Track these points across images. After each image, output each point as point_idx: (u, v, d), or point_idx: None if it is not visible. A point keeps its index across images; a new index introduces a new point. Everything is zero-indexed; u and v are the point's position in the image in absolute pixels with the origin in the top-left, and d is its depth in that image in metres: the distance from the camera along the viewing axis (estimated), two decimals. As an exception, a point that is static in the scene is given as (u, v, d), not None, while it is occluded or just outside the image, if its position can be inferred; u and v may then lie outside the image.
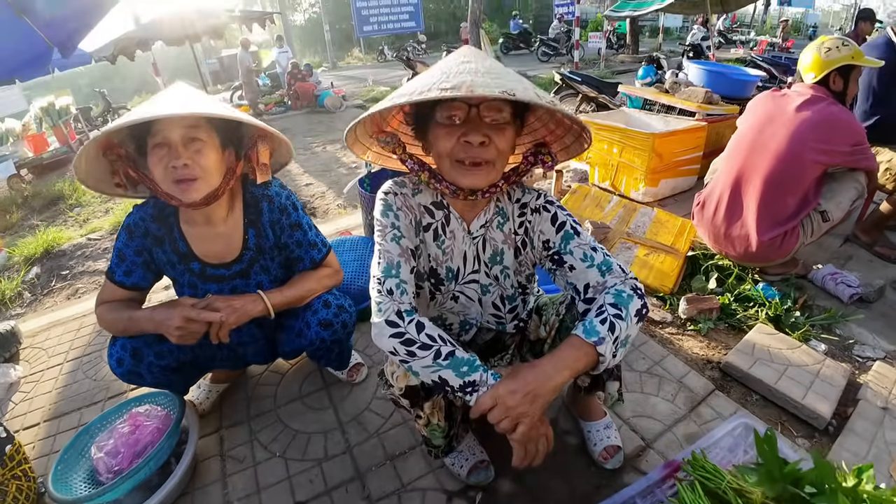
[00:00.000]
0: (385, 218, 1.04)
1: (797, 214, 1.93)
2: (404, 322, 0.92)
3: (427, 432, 1.18)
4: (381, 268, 0.98)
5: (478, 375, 0.88)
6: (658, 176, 2.88)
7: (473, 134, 0.92)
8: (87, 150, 1.14)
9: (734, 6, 6.05)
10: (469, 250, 1.12)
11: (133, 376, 1.32)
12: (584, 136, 1.04)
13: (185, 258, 1.34)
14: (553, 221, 1.07)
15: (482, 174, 0.97)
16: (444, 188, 1.02)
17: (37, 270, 3.18)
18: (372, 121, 1.06)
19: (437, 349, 0.90)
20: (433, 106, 0.94)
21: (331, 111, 8.44)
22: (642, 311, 0.96)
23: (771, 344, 1.68)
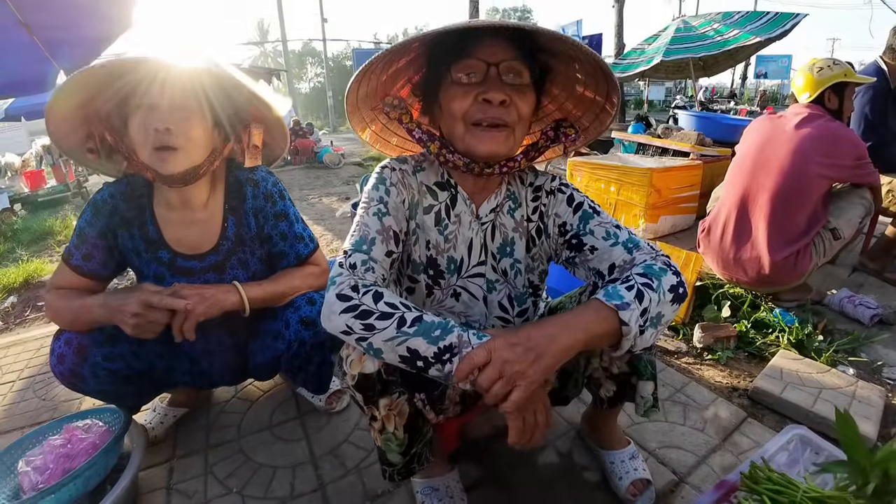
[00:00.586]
0: (374, 191, 0.93)
1: (808, 232, 1.89)
2: (358, 294, 0.77)
3: (381, 442, 0.93)
4: (352, 241, 0.87)
5: (455, 336, 0.73)
6: (657, 212, 2.86)
7: (494, 91, 0.84)
8: (69, 88, 1.01)
9: (716, 70, 6.44)
10: (476, 237, 0.99)
11: (73, 378, 1.12)
12: (608, 109, 0.96)
13: (154, 245, 1.19)
14: (570, 202, 0.97)
15: (500, 139, 0.87)
16: (457, 160, 0.91)
17: (13, 300, 3.05)
18: (379, 84, 0.97)
19: (401, 315, 0.75)
20: (448, 65, 0.87)
21: (329, 167, 8.63)
22: (678, 289, 0.81)
23: (799, 368, 1.59)
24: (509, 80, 0.85)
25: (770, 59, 19.44)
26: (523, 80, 0.87)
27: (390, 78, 0.98)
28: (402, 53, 0.92)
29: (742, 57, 6.25)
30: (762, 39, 5.16)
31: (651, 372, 0.99)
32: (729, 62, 6.31)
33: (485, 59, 0.84)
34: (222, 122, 1.15)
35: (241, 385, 1.65)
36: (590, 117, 1.01)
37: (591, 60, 0.86)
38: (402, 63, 0.97)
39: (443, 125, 0.94)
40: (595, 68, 0.88)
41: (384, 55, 0.85)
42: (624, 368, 0.99)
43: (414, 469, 0.98)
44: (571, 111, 1.03)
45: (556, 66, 0.96)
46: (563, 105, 1.04)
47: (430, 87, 0.94)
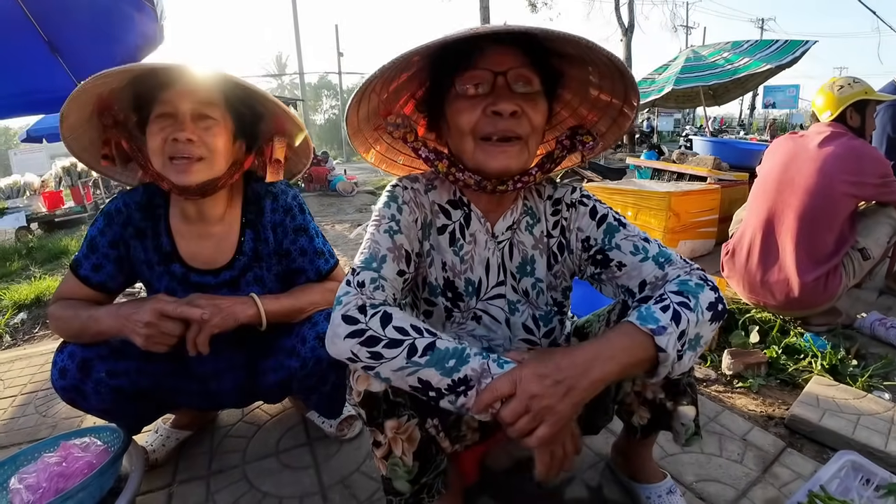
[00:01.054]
0: (385, 208, 0.89)
1: (837, 252, 1.85)
2: (366, 317, 0.72)
3: (387, 469, 0.83)
4: (361, 258, 0.82)
5: (471, 368, 0.68)
6: (676, 236, 2.82)
7: (503, 102, 0.78)
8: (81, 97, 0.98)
9: (726, 99, 6.48)
10: (493, 257, 0.94)
11: (75, 394, 1.07)
12: (626, 112, 0.91)
13: (167, 258, 1.16)
14: (593, 215, 0.92)
15: (513, 153, 0.82)
16: (468, 178, 0.86)
17: (23, 316, 3.04)
18: (381, 102, 0.92)
19: (411, 343, 0.69)
20: (451, 77, 0.82)
21: (342, 195, 8.71)
22: (717, 306, 0.75)
23: (835, 395, 1.52)
24: (519, 88, 0.81)
25: (778, 89, 19.65)
26: (534, 88, 0.82)
27: (392, 95, 0.94)
28: (402, 68, 0.87)
29: (752, 85, 6.31)
30: (773, 66, 5.20)
31: (692, 396, 0.91)
32: (739, 90, 6.36)
33: (491, 68, 0.79)
34: (245, 134, 1.12)
35: (248, 408, 1.58)
36: (606, 122, 0.96)
37: (605, 61, 0.81)
38: (403, 78, 0.92)
39: (450, 141, 0.89)
40: (610, 69, 0.83)
41: (383, 70, 0.79)
42: (659, 394, 0.91)
43: (423, 500, 0.87)
44: (587, 116, 0.98)
45: (568, 70, 0.91)
46: (578, 110, 0.99)
47: (434, 101, 0.89)
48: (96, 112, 1.04)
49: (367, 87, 0.83)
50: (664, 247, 0.86)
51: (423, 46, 0.74)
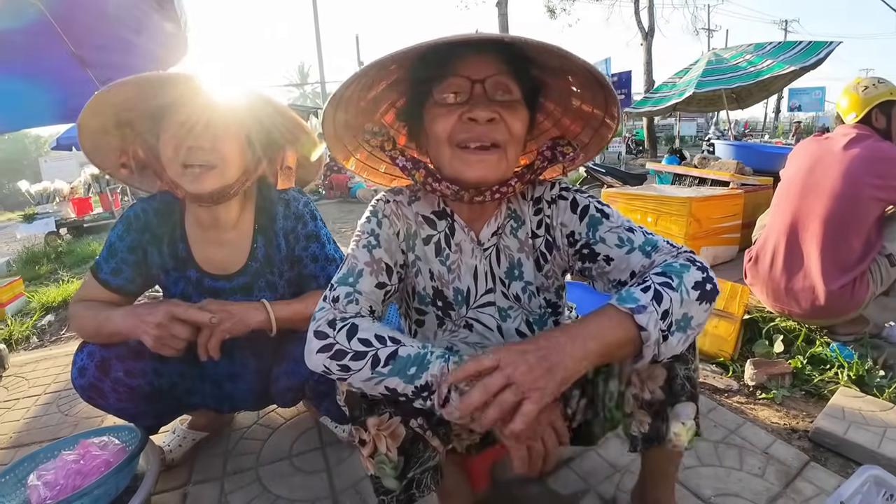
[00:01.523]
0: (365, 223, 0.89)
1: (864, 258, 1.78)
2: (334, 331, 0.74)
3: (375, 468, 0.82)
4: (339, 274, 0.84)
5: (430, 374, 0.69)
6: (698, 242, 2.74)
7: (479, 108, 0.77)
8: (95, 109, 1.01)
9: (749, 102, 6.33)
10: (480, 265, 0.93)
11: (94, 392, 1.10)
12: (608, 123, 0.87)
13: (183, 264, 1.18)
14: (574, 208, 0.89)
15: (491, 162, 0.80)
16: (445, 188, 0.84)
17: (50, 318, 3.13)
18: (359, 111, 0.90)
19: (374, 354, 0.71)
20: (429, 87, 0.81)
21: (362, 202, 8.80)
22: (705, 285, 0.72)
23: (861, 407, 1.47)
24: (497, 97, 0.79)
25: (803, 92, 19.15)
26: (513, 97, 0.80)
27: (370, 103, 0.92)
28: (380, 76, 0.85)
29: (776, 88, 6.16)
30: (797, 68, 5.07)
31: (690, 391, 0.83)
32: (763, 93, 6.21)
33: (469, 75, 0.78)
34: (257, 142, 1.14)
35: (264, 411, 1.60)
36: (589, 132, 0.94)
37: (584, 71, 0.78)
38: (381, 86, 0.90)
39: (430, 151, 0.87)
40: (589, 79, 0.81)
41: (356, 77, 0.78)
42: (659, 395, 0.83)
43: (414, 497, 0.85)
44: (569, 127, 0.96)
45: (549, 81, 0.89)
46: (560, 121, 0.97)
47: (414, 110, 0.88)
48: (113, 121, 1.07)
49: (342, 94, 0.81)
50: (650, 233, 0.84)
51: (398, 52, 0.72)
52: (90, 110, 1.01)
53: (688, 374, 0.83)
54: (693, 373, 0.83)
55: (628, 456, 1.22)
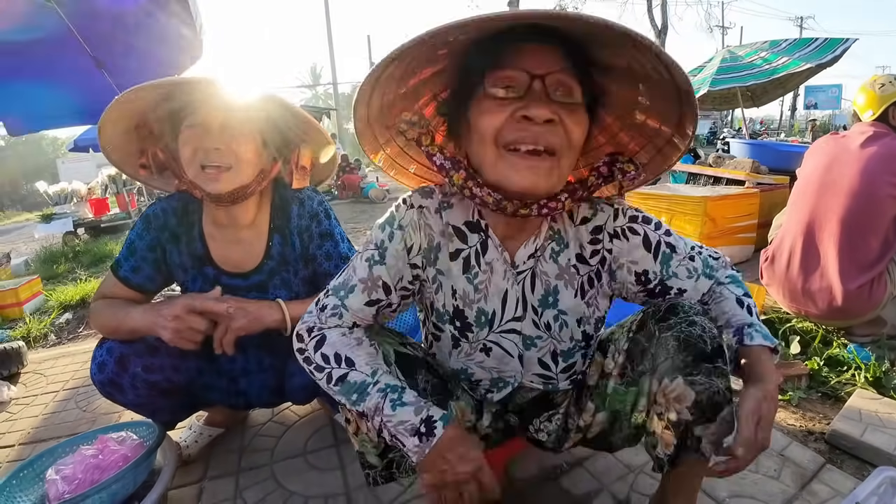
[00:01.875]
0: (379, 231, 0.84)
1: (882, 258, 1.75)
2: (308, 337, 0.82)
3: (358, 443, 0.87)
4: (335, 281, 0.86)
5: (365, 406, 0.75)
6: (713, 242, 2.72)
7: (537, 105, 0.68)
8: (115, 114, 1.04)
9: (765, 100, 6.23)
10: (512, 289, 0.85)
11: (112, 388, 1.12)
12: (675, 142, 0.78)
13: (200, 262, 1.20)
14: (647, 246, 0.84)
15: (543, 170, 0.70)
16: (486, 195, 0.74)
17: (68, 316, 3.18)
18: (397, 97, 0.81)
19: (328, 372, 0.78)
20: (481, 75, 0.72)
21: (374, 202, 8.84)
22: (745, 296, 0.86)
23: (878, 409, 1.45)
24: (557, 97, 0.70)
25: (819, 89, 18.84)
26: (574, 99, 0.72)
27: (411, 91, 0.82)
28: (426, 60, 0.76)
29: (792, 85, 6.06)
30: (812, 66, 4.99)
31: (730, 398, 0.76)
32: (778, 91, 6.12)
33: (528, 69, 0.69)
34: (272, 143, 1.16)
35: (278, 408, 1.62)
36: (650, 151, 0.84)
37: (663, 73, 0.68)
38: (426, 73, 0.80)
39: (471, 151, 0.78)
40: (667, 86, 0.70)
41: (401, 51, 0.66)
42: (686, 416, 0.76)
43: (395, 475, 0.90)
44: (627, 144, 0.87)
45: (612, 88, 0.80)
46: (617, 136, 0.88)
47: (458, 103, 0.78)
48: (133, 124, 1.10)
49: (383, 72, 0.70)
50: (700, 250, 0.88)
51: (454, 24, 0.62)
52: (110, 115, 1.04)
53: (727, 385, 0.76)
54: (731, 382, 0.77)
55: (643, 456, 1.21)
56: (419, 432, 0.72)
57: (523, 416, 1.00)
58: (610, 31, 0.62)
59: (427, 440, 0.72)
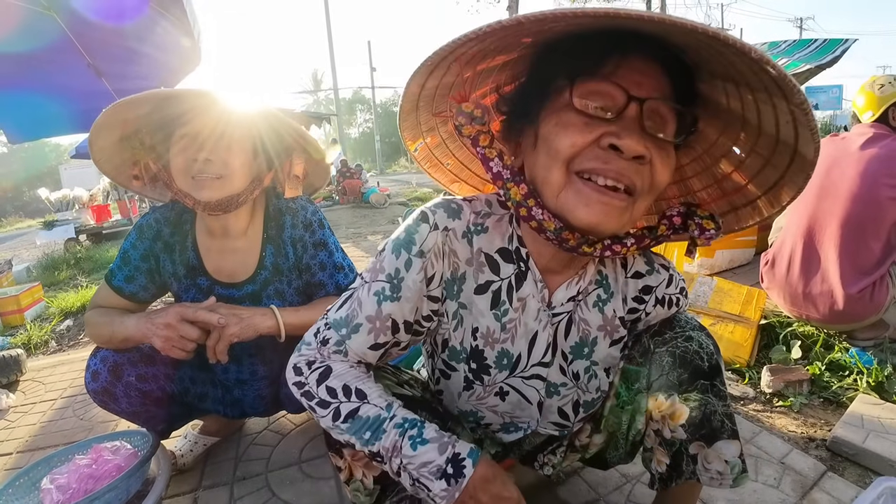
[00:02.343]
0: (392, 256, 0.69)
1: (883, 261, 1.74)
2: (309, 370, 0.70)
3: (350, 493, 0.78)
4: (335, 315, 0.72)
5: (382, 446, 0.65)
6: (713, 246, 2.70)
7: (631, 137, 0.57)
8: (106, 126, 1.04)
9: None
10: (543, 332, 0.76)
11: (106, 396, 1.12)
12: (760, 207, 0.70)
13: (193, 272, 1.20)
14: (669, 306, 0.83)
15: (615, 209, 0.60)
16: (547, 220, 0.63)
17: (69, 323, 3.19)
18: (457, 81, 0.68)
19: (336, 408, 0.67)
20: (570, 81, 0.60)
21: (375, 206, 8.85)
22: None
23: (880, 415, 1.43)
24: (651, 128, 0.59)
25: (820, 90, 18.81)
26: (667, 136, 0.61)
27: (476, 76, 0.69)
28: (505, 45, 0.63)
29: (792, 87, 6.03)
30: (812, 67, 4.99)
31: (731, 429, 0.75)
32: (778, 93, 6.10)
33: (629, 88, 0.57)
34: (263, 152, 1.16)
35: (273, 417, 1.61)
36: (723, 206, 0.74)
37: (789, 134, 0.57)
38: (498, 61, 0.69)
39: (530, 164, 0.67)
40: (776, 143, 0.60)
41: (486, 32, 0.54)
42: (680, 434, 0.74)
43: None
44: (698, 193, 0.76)
45: (707, 129, 0.70)
46: (688, 182, 0.78)
47: (528, 103, 0.67)
48: (124, 134, 1.10)
49: (457, 49, 0.59)
50: None
51: (557, 12, 0.49)
52: (100, 126, 1.03)
53: (726, 411, 0.75)
54: (731, 409, 0.77)
55: (640, 466, 1.20)
56: (446, 474, 0.63)
57: (525, 455, 0.97)
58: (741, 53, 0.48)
59: (456, 482, 0.63)
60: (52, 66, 2.58)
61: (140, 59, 2.69)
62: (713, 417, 0.73)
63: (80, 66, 2.52)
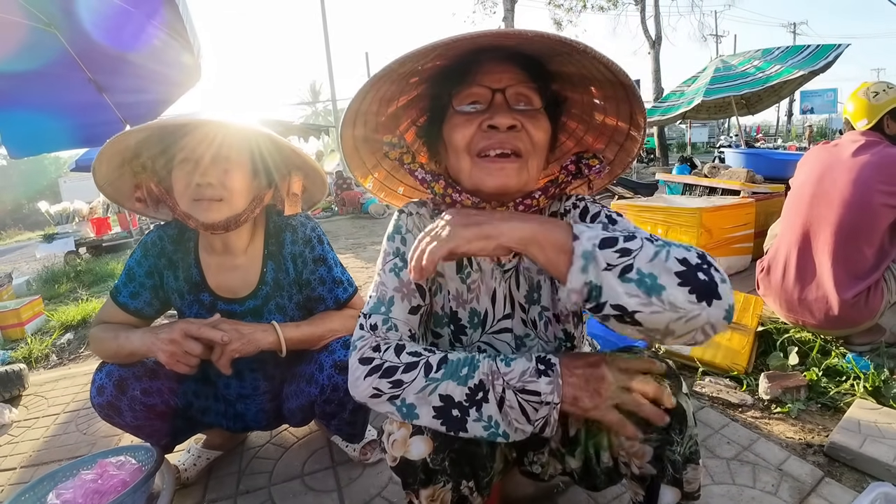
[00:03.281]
0: (390, 242, 0.87)
1: (877, 267, 1.75)
2: (380, 353, 0.74)
3: None
4: (371, 304, 0.82)
5: (481, 373, 0.70)
6: (710, 253, 2.69)
7: (500, 115, 0.75)
8: (108, 153, 1.07)
9: (760, 107, 6.27)
10: (500, 287, 0.89)
11: (111, 410, 1.13)
12: (633, 135, 0.85)
13: (197, 288, 1.22)
14: (583, 215, 0.85)
15: (512, 170, 0.77)
16: (465, 199, 0.82)
17: (69, 336, 3.19)
18: (379, 125, 0.90)
19: (426, 361, 0.72)
20: (449, 97, 0.80)
21: (374, 217, 8.88)
22: (696, 272, 0.60)
23: (877, 419, 1.43)
24: (519, 107, 0.78)
25: (815, 94, 18.98)
26: (534, 106, 0.79)
27: (390, 119, 0.91)
28: (398, 90, 0.85)
29: (786, 92, 6.10)
30: (806, 72, 5.04)
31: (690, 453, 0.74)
32: (773, 98, 6.17)
33: (489, 85, 0.77)
34: (263, 172, 1.18)
35: (276, 430, 1.62)
36: (614, 148, 0.91)
37: (607, 74, 0.76)
38: (402, 101, 0.90)
39: (449, 165, 0.85)
40: (613, 85, 0.78)
41: (374, 82, 0.75)
42: (649, 470, 0.76)
43: None
44: (592, 145, 0.94)
45: (571, 95, 0.88)
46: (583, 139, 0.96)
47: (434, 125, 0.86)
48: (126, 159, 1.13)
49: (359, 106, 0.80)
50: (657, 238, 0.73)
51: (414, 52, 0.70)
52: (105, 156, 1.07)
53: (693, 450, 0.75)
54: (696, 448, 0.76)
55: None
56: (542, 371, 0.69)
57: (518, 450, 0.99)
58: (548, 41, 0.69)
59: (553, 372, 0.69)
60: (53, 82, 2.60)
61: (141, 75, 2.72)
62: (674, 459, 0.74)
63: (80, 81, 2.54)
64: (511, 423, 0.69)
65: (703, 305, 0.60)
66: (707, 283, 0.61)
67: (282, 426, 1.59)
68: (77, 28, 2.36)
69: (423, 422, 0.71)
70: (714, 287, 0.61)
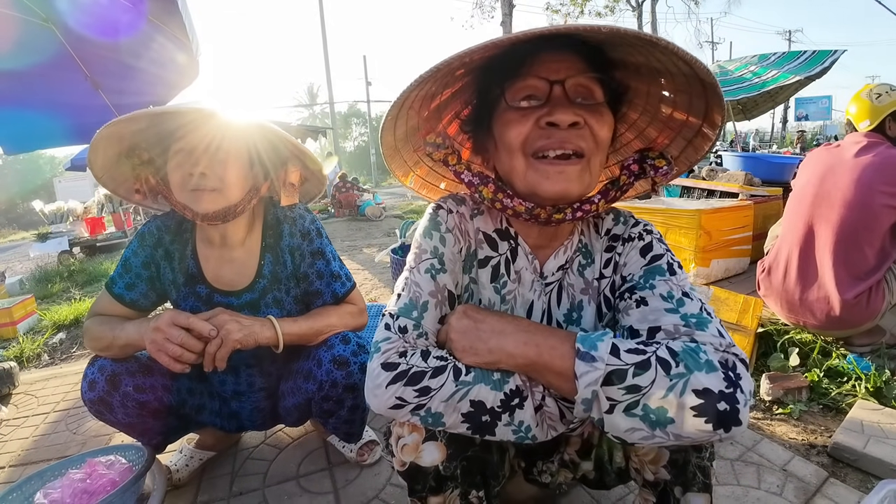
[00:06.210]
0: (427, 239, 0.77)
1: (878, 268, 1.75)
2: (406, 358, 0.66)
3: None
4: (401, 303, 0.72)
5: (519, 378, 0.65)
6: (709, 255, 2.71)
7: (560, 111, 0.67)
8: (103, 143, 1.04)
9: (756, 113, 6.32)
10: (538, 301, 0.82)
11: (102, 406, 1.10)
12: (706, 132, 0.75)
13: (193, 280, 1.20)
14: (645, 252, 0.77)
15: (573, 174, 0.69)
16: (518, 205, 0.73)
17: (62, 336, 3.15)
18: (421, 121, 0.82)
19: (454, 365, 0.65)
20: (501, 90, 0.72)
21: (371, 219, 8.85)
22: (716, 402, 0.55)
23: (880, 420, 1.44)
24: (579, 101, 0.70)
25: (810, 101, 19.13)
26: (597, 100, 0.71)
27: (434, 113, 0.83)
28: (445, 82, 0.77)
29: (782, 98, 6.15)
30: (801, 78, 5.08)
31: (703, 482, 0.73)
32: (769, 104, 6.21)
33: (546, 76, 0.68)
34: (259, 163, 1.16)
35: (271, 431, 1.59)
36: (679, 144, 0.81)
37: (684, 69, 0.67)
38: (446, 94, 0.81)
39: (499, 164, 0.77)
40: (689, 79, 0.69)
41: (421, 81, 0.67)
42: (663, 475, 0.74)
43: None
44: (656, 139, 0.84)
45: (635, 84, 0.79)
46: (645, 132, 0.86)
47: (481, 118, 0.79)
48: (123, 149, 1.10)
49: (404, 101, 0.71)
50: (710, 313, 0.67)
51: (466, 51, 0.62)
52: (97, 144, 1.04)
53: (700, 464, 0.73)
54: (707, 461, 0.74)
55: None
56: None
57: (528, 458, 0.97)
58: (616, 34, 0.62)
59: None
60: (50, 78, 2.58)
61: (138, 73, 2.70)
62: (687, 467, 0.72)
63: (77, 79, 2.52)
64: (543, 424, 0.66)
65: (718, 432, 0.56)
66: (727, 413, 0.56)
67: (276, 427, 1.56)
68: (74, 24, 2.34)
69: (448, 426, 0.66)
70: (734, 414, 0.56)
